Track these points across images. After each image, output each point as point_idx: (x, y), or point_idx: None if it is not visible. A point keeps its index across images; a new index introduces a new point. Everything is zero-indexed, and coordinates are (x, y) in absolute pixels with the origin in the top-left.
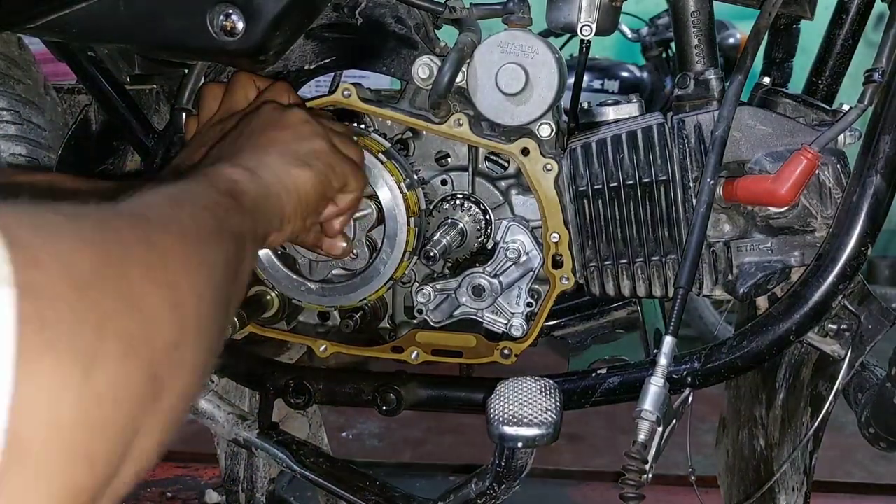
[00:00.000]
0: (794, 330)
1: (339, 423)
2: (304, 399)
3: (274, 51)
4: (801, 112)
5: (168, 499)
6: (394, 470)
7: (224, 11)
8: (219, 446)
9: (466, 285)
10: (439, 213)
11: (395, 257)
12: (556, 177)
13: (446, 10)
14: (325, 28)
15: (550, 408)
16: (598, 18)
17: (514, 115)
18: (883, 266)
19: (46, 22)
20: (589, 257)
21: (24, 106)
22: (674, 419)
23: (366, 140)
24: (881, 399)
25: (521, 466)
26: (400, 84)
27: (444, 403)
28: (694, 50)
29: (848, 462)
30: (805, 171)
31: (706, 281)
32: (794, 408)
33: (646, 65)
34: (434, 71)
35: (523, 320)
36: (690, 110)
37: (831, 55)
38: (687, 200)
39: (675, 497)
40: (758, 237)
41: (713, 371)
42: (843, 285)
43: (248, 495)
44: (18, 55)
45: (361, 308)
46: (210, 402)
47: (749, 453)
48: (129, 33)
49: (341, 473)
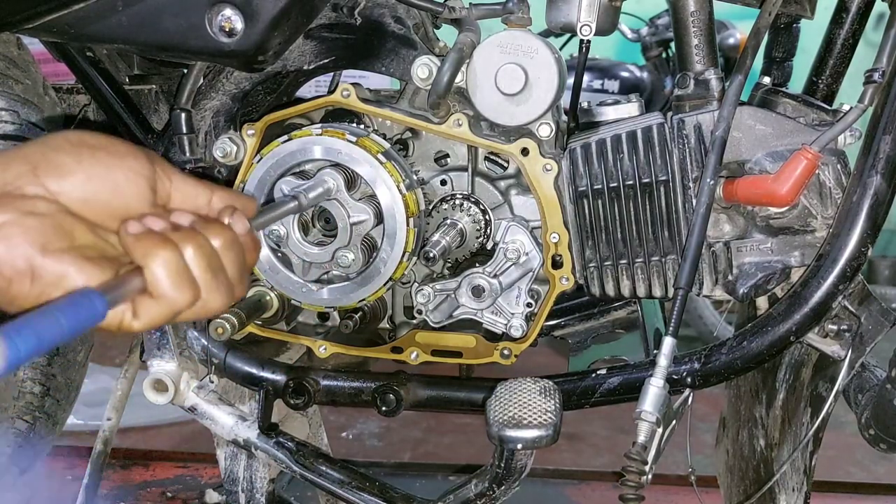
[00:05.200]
0: (794, 330)
1: (339, 423)
2: (304, 399)
3: (273, 51)
4: (802, 112)
5: (168, 499)
6: (394, 470)
7: (222, 12)
8: (219, 446)
9: (466, 286)
10: (438, 213)
11: (394, 258)
12: (556, 177)
13: (446, 10)
14: (324, 28)
15: (550, 409)
16: (597, 18)
17: (514, 116)
18: (883, 266)
19: (45, 22)
20: (589, 257)
21: (23, 106)
22: (674, 420)
23: (365, 140)
24: (881, 400)
25: (520, 467)
26: (399, 84)
27: (443, 404)
28: (694, 50)
29: (848, 462)
30: (805, 171)
31: (706, 281)
32: (794, 408)
33: (646, 65)
34: (433, 71)
35: (523, 320)
36: (690, 110)
37: (831, 55)
38: (687, 201)
39: (675, 497)
40: (758, 237)
41: (713, 371)
42: (844, 286)
43: (248, 495)
44: (17, 55)
45: (361, 308)
46: (210, 403)
47: (749, 453)
48: (128, 34)
49: (341, 473)
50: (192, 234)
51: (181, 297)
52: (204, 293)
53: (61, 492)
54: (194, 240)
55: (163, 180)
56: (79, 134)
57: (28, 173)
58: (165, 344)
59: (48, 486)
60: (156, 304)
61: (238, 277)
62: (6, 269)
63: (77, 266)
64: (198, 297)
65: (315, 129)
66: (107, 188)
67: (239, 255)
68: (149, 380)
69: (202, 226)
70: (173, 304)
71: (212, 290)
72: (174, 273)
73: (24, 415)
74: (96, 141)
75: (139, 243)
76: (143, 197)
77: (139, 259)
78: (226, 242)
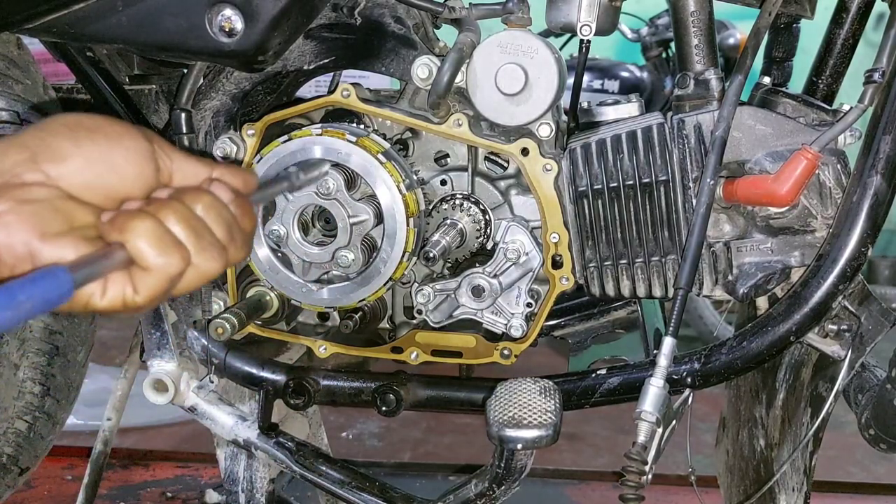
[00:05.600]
0: (794, 330)
1: (339, 423)
2: (304, 399)
3: (273, 51)
4: (802, 112)
5: (168, 499)
6: (394, 470)
7: (222, 12)
8: (219, 446)
9: (466, 286)
10: (438, 213)
11: (394, 258)
12: (556, 177)
13: (446, 10)
14: (324, 28)
15: (550, 409)
16: (597, 18)
17: (514, 116)
18: (883, 266)
19: (45, 22)
20: (589, 257)
21: (23, 106)
22: (673, 420)
23: (365, 140)
24: (881, 400)
25: (520, 467)
26: (399, 84)
27: (443, 404)
28: (694, 50)
29: (848, 462)
30: (805, 171)
31: (706, 281)
32: (794, 408)
33: (646, 65)
34: (433, 71)
35: (523, 320)
36: (690, 110)
37: (831, 55)
38: (687, 201)
39: (675, 497)
40: (758, 237)
41: (713, 371)
42: (844, 286)
43: (248, 495)
44: (17, 55)
45: (361, 308)
46: (210, 403)
47: (749, 453)
48: (128, 34)
49: (341, 473)
50: (168, 201)
51: (170, 261)
52: (193, 255)
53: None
54: (170, 206)
55: (163, 159)
56: (76, 117)
57: (27, 160)
58: (165, 344)
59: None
60: (149, 275)
61: (227, 238)
62: (6, 256)
63: (76, 248)
64: (187, 259)
65: (315, 129)
66: (107, 170)
67: (224, 216)
68: (149, 380)
69: (178, 194)
70: (166, 270)
71: (201, 251)
72: (156, 239)
73: (24, 415)
74: (93, 123)
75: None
76: (145, 177)
77: (118, 237)
78: (206, 204)
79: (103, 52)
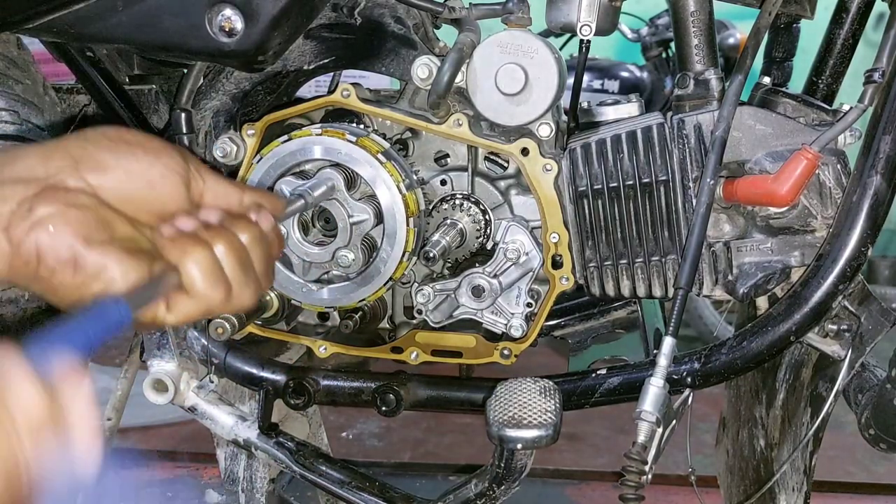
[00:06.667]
0: (794, 330)
1: (339, 423)
2: (304, 399)
3: (273, 51)
4: (802, 112)
5: (168, 499)
6: (394, 470)
7: (222, 11)
8: (219, 446)
9: (466, 285)
10: (438, 213)
11: (394, 257)
12: (556, 177)
13: (445, 10)
14: (323, 28)
15: (550, 409)
16: (597, 18)
17: (514, 116)
18: (883, 266)
19: (45, 22)
20: (589, 257)
21: (23, 106)
22: (673, 420)
23: (365, 140)
24: (881, 400)
25: (520, 467)
26: (399, 84)
27: (443, 403)
28: (694, 50)
29: (848, 462)
30: (805, 171)
31: (706, 281)
32: (794, 408)
33: (646, 65)
34: (433, 71)
35: (523, 320)
36: (690, 110)
37: (831, 55)
38: (687, 201)
39: (675, 497)
40: (758, 237)
41: (713, 371)
42: (844, 286)
43: (248, 495)
44: (17, 55)
45: (361, 308)
46: (210, 403)
47: (749, 453)
48: (128, 33)
49: (341, 473)
50: (223, 231)
51: (215, 294)
52: (235, 289)
53: None
54: (224, 237)
55: (196, 179)
56: (117, 130)
57: (70, 167)
58: (165, 344)
59: None
60: (191, 302)
61: (264, 271)
62: (51, 259)
63: (117, 259)
64: (230, 293)
65: (315, 129)
66: (144, 185)
67: (266, 250)
68: (149, 380)
69: (230, 222)
70: (208, 302)
71: (242, 286)
72: (208, 272)
73: None
74: (134, 138)
75: (174, 245)
76: (178, 194)
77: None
78: (253, 238)
79: (103, 52)
